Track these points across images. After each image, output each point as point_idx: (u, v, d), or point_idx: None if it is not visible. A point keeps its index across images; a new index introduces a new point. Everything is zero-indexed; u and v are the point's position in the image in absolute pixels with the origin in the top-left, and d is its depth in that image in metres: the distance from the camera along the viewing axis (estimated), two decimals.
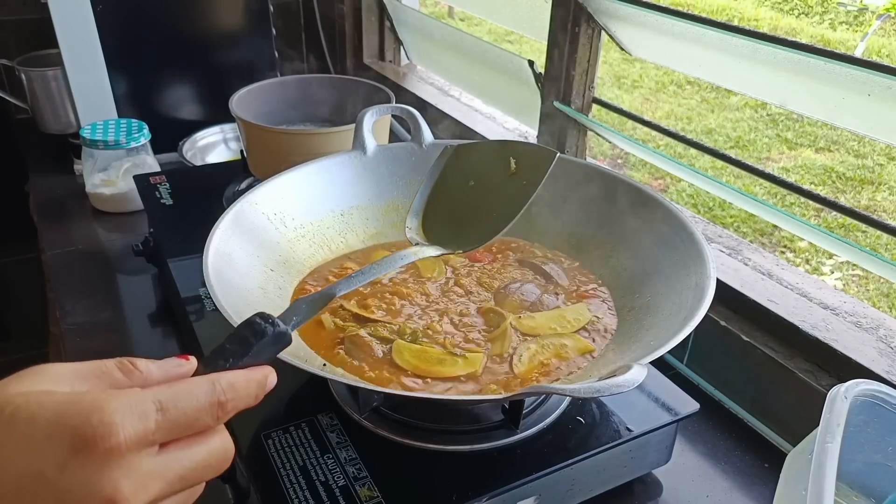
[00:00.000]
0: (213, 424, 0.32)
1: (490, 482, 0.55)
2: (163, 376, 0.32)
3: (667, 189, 3.22)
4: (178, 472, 0.29)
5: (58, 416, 0.26)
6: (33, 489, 0.25)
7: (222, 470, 0.33)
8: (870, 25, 4.69)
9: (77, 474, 0.25)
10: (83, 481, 0.25)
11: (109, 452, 0.26)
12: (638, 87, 4.28)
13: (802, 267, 2.68)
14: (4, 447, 0.25)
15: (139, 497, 0.26)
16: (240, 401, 0.33)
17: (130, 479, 0.26)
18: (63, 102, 1.34)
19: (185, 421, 0.30)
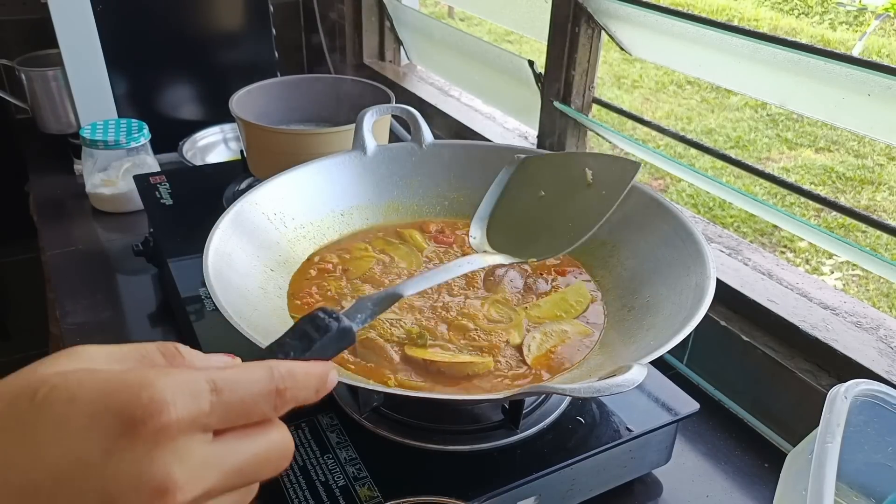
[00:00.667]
0: (270, 414, 0.28)
1: (490, 482, 0.55)
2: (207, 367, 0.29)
3: (667, 189, 3.22)
4: (235, 463, 0.26)
5: (102, 395, 0.23)
6: (74, 480, 0.22)
7: (282, 467, 0.29)
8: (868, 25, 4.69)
9: (124, 459, 0.22)
10: (131, 467, 0.22)
11: (160, 433, 0.23)
12: (638, 87, 4.28)
13: (802, 267, 2.68)
14: (40, 433, 0.22)
15: (193, 486, 0.23)
16: (299, 391, 0.30)
17: (183, 466, 0.23)
18: (63, 102, 1.34)
19: (241, 406, 0.26)
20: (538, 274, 0.74)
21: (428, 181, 0.83)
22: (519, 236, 0.69)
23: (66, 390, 0.23)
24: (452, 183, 0.83)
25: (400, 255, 0.76)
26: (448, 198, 0.84)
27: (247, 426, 0.27)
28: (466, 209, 0.84)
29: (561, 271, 0.75)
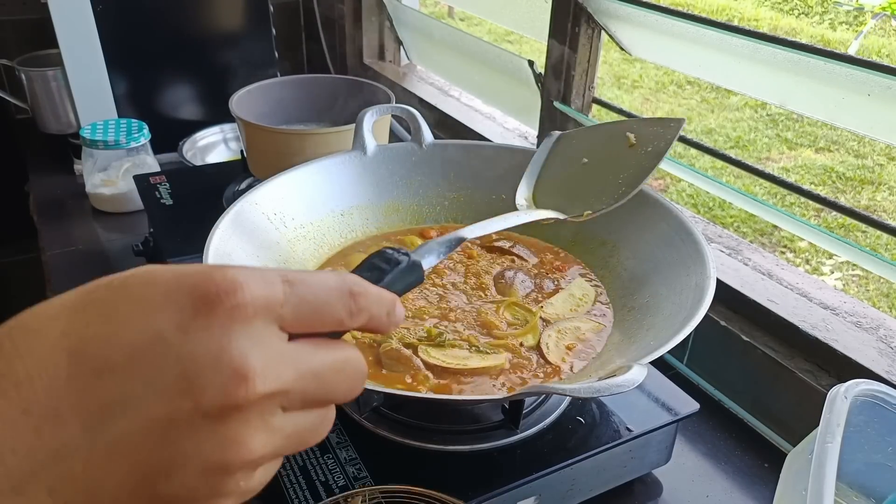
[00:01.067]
0: (345, 319, 0.26)
1: (490, 482, 0.55)
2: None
3: (667, 189, 3.22)
4: (312, 366, 0.25)
5: (177, 277, 0.22)
6: (151, 355, 0.21)
7: (357, 388, 0.27)
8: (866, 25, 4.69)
9: (200, 337, 0.21)
10: (209, 346, 0.21)
11: (235, 312, 0.22)
12: (638, 87, 4.28)
13: (802, 267, 2.68)
14: (117, 310, 0.22)
15: (270, 377, 0.22)
16: (372, 304, 0.27)
17: (260, 353, 0.22)
18: (63, 102, 1.34)
19: (315, 303, 0.25)
20: (544, 274, 0.75)
21: (428, 181, 0.83)
22: (566, 197, 0.69)
23: (144, 276, 0.23)
24: (452, 183, 0.83)
25: None
26: (448, 198, 0.84)
27: (321, 337, 0.26)
28: (466, 209, 0.84)
29: (560, 267, 0.76)
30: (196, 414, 0.21)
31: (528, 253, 0.79)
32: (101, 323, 0.22)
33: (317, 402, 0.26)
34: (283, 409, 0.24)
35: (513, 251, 0.79)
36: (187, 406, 0.21)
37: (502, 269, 0.75)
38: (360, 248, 0.79)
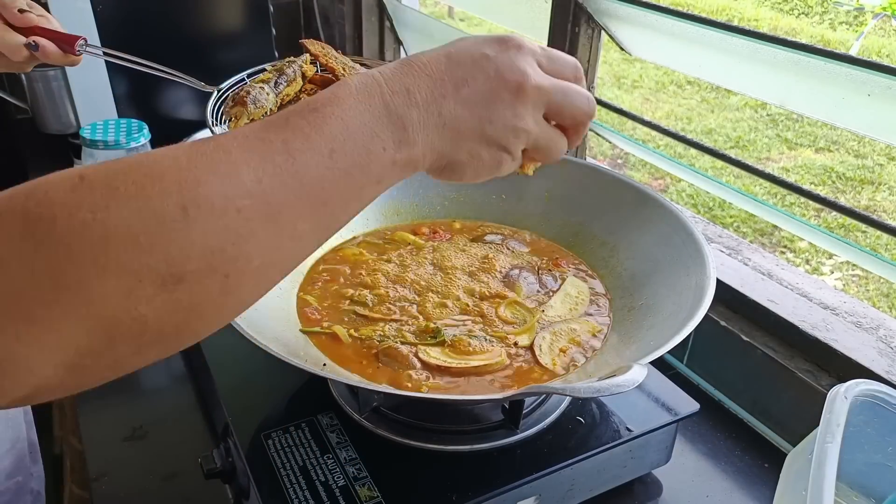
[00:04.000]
0: (577, 77, 0.44)
1: (490, 482, 0.55)
2: None
3: (667, 189, 3.22)
4: (561, 84, 0.41)
5: (489, 35, 0.41)
6: (482, 60, 0.39)
7: (591, 112, 0.43)
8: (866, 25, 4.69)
9: (504, 56, 0.39)
10: (508, 60, 0.39)
11: (520, 48, 0.40)
12: (638, 87, 4.28)
13: (802, 267, 2.68)
14: (464, 42, 0.40)
15: (538, 78, 0.40)
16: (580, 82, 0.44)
17: (531, 68, 0.40)
18: (63, 102, 1.34)
19: (558, 57, 0.42)
20: (546, 270, 0.75)
21: (428, 181, 0.83)
22: None
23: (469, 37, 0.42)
24: (452, 183, 0.83)
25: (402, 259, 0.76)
26: (448, 198, 0.84)
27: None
28: (465, 209, 0.84)
29: (556, 262, 0.77)
30: (503, 88, 0.39)
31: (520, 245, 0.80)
32: (458, 47, 0.39)
33: (564, 112, 0.42)
34: (545, 113, 0.41)
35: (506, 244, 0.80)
36: (499, 83, 0.39)
37: (510, 268, 0.75)
38: (352, 244, 0.79)
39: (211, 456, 0.62)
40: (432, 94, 0.37)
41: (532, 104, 0.40)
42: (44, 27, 0.68)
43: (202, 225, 0.30)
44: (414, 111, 0.36)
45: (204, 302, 0.31)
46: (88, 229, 0.28)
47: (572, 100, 0.42)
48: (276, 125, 0.33)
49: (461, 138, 0.38)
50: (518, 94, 0.39)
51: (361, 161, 0.34)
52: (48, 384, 0.29)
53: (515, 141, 0.40)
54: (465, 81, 0.38)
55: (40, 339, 0.27)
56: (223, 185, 0.30)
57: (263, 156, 0.32)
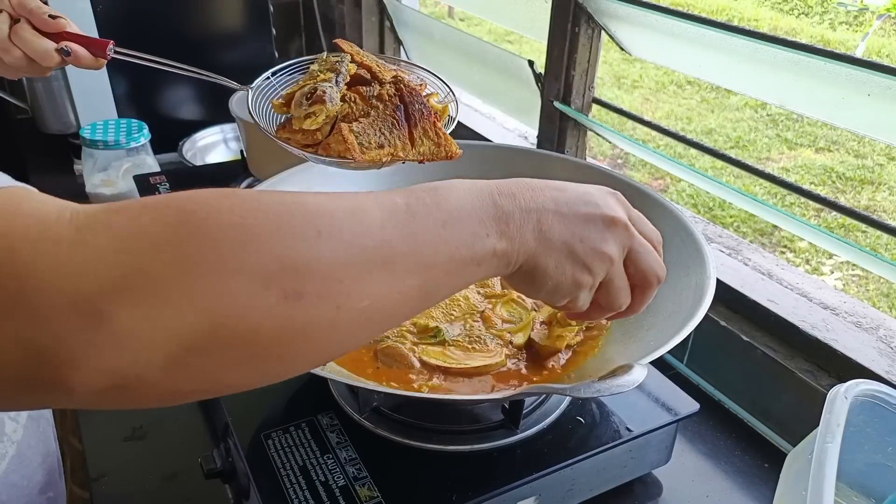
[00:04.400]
0: (658, 244, 0.48)
1: (490, 482, 0.55)
2: None
3: (667, 189, 3.22)
4: (643, 241, 0.45)
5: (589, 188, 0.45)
6: (584, 193, 0.43)
7: (662, 276, 0.47)
8: (870, 25, 4.69)
9: (603, 195, 0.45)
10: (605, 199, 0.44)
11: (617, 195, 0.46)
12: (638, 87, 4.28)
13: (802, 267, 2.68)
14: (570, 187, 0.44)
15: (627, 223, 0.44)
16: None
17: (624, 214, 0.45)
18: (63, 102, 1.34)
19: (646, 222, 0.48)
20: None
21: (427, 181, 0.83)
22: None
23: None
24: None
25: None
26: None
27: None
28: None
29: None
30: (599, 217, 0.43)
31: None
32: (563, 181, 0.45)
33: (639, 264, 0.45)
34: (624, 259, 0.45)
35: None
36: (597, 212, 0.43)
37: None
38: None
39: (211, 456, 0.62)
40: (535, 203, 0.41)
41: (619, 241, 0.44)
42: (71, 31, 0.68)
43: (331, 250, 0.33)
44: (517, 212, 0.40)
45: (314, 327, 0.33)
46: (235, 230, 0.31)
47: (649, 257, 0.46)
48: (402, 191, 0.38)
49: (552, 248, 0.41)
50: (610, 225, 0.43)
51: (468, 240, 0.38)
52: (146, 374, 0.29)
53: (599, 265, 0.43)
54: (566, 202, 0.42)
55: (163, 319, 0.29)
56: (353, 222, 0.34)
57: (390, 210, 0.36)
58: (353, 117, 0.59)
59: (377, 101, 0.59)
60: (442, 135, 0.60)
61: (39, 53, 0.66)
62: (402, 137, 0.59)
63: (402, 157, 0.59)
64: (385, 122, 0.59)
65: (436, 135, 0.60)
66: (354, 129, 0.57)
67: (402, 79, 0.61)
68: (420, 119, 0.59)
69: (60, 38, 0.66)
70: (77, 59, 0.68)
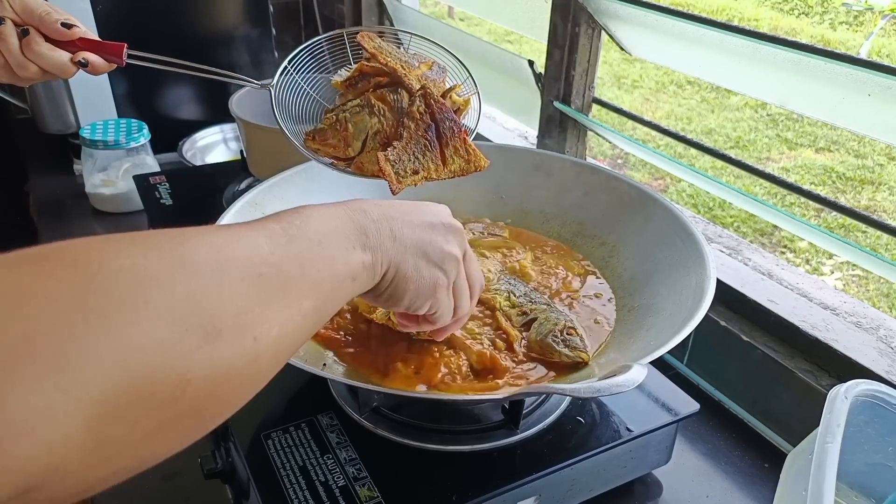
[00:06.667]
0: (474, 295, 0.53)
1: (490, 482, 0.55)
2: None
3: (667, 189, 3.22)
4: (471, 255, 0.51)
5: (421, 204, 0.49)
6: (422, 205, 0.47)
7: (482, 284, 0.54)
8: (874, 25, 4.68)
9: (437, 207, 0.49)
10: (440, 210, 0.49)
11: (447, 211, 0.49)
12: (638, 87, 4.28)
13: (802, 267, 2.68)
14: (407, 202, 0.47)
15: (461, 230, 0.49)
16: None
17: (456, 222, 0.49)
18: (63, 102, 1.34)
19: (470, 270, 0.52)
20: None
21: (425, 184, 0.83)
22: None
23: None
24: (451, 182, 0.83)
25: None
26: (447, 198, 0.84)
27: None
28: (465, 208, 0.84)
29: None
30: (441, 224, 0.47)
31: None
32: (402, 201, 0.48)
33: (472, 269, 0.51)
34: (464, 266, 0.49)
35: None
36: (437, 221, 0.47)
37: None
38: None
39: (211, 456, 0.62)
40: (384, 215, 0.43)
41: (459, 244, 0.48)
42: (83, 38, 0.63)
43: (234, 282, 0.32)
44: (371, 224, 0.42)
45: (238, 365, 0.31)
46: (135, 272, 0.28)
47: (475, 264, 0.52)
48: (271, 218, 0.38)
49: (408, 252, 0.44)
50: (450, 231, 0.48)
51: (342, 255, 0.39)
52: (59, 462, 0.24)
53: (450, 265, 0.47)
54: (409, 212, 0.46)
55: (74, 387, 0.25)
56: (246, 250, 0.34)
57: (270, 236, 0.36)
58: (385, 134, 0.60)
59: (408, 121, 0.60)
60: (472, 150, 0.61)
61: (57, 67, 0.62)
62: (434, 159, 0.60)
63: (435, 178, 0.60)
64: (418, 146, 0.60)
65: (466, 151, 0.61)
66: (391, 158, 0.58)
67: (430, 92, 0.61)
68: (451, 138, 0.60)
69: (74, 45, 0.62)
70: (94, 69, 0.63)
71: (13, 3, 0.60)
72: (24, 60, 0.61)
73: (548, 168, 0.83)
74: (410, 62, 0.65)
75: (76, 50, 0.62)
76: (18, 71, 0.62)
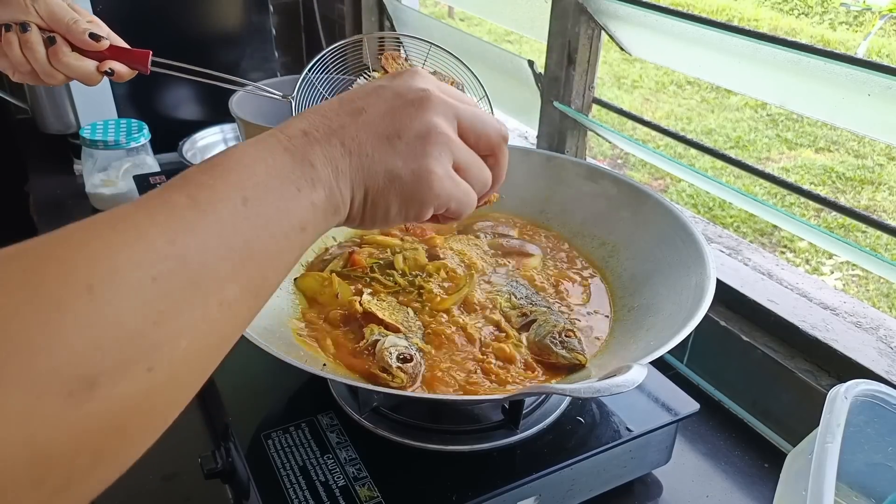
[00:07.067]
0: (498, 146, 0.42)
1: (490, 482, 0.55)
2: None
3: (667, 189, 3.21)
4: (466, 104, 0.40)
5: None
6: (377, 90, 0.38)
7: (504, 133, 0.42)
8: (872, 25, 4.68)
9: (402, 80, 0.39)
10: (404, 82, 0.39)
11: (416, 75, 0.40)
12: (638, 87, 4.28)
13: (802, 267, 2.68)
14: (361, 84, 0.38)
15: (439, 93, 0.38)
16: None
17: (432, 85, 0.39)
18: (63, 102, 1.34)
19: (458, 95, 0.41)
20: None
21: None
22: None
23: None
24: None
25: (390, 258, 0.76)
26: None
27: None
28: None
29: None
30: (406, 104, 0.37)
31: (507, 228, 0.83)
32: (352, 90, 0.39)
33: (477, 129, 0.40)
34: (457, 121, 0.39)
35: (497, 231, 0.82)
36: (400, 102, 0.38)
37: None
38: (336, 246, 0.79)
39: (211, 456, 0.62)
40: (330, 128, 0.35)
41: (441, 114, 0.38)
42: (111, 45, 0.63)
43: (114, 304, 0.24)
44: (316, 147, 0.34)
45: (126, 412, 0.25)
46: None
47: (483, 118, 0.40)
48: (175, 185, 0.30)
49: (372, 162, 0.36)
50: (422, 104, 0.37)
51: (280, 206, 0.32)
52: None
53: (434, 149, 0.37)
54: (361, 109, 0.37)
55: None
56: (132, 251, 0.26)
57: (170, 214, 0.28)
58: None
59: None
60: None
61: (83, 77, 0.61)
62: None
63: None
64: None
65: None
66: None
67: None
68: None
69: (101, 54, 0.62)
70: (120, 78, 0.63)
71: (39, 9, 0.59)
72: (51, 70, 0.61)
73: (548, 168, 0.83)
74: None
75: (102, 58, 0.62)
76: (45, 78, 0.61)
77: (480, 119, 0.40)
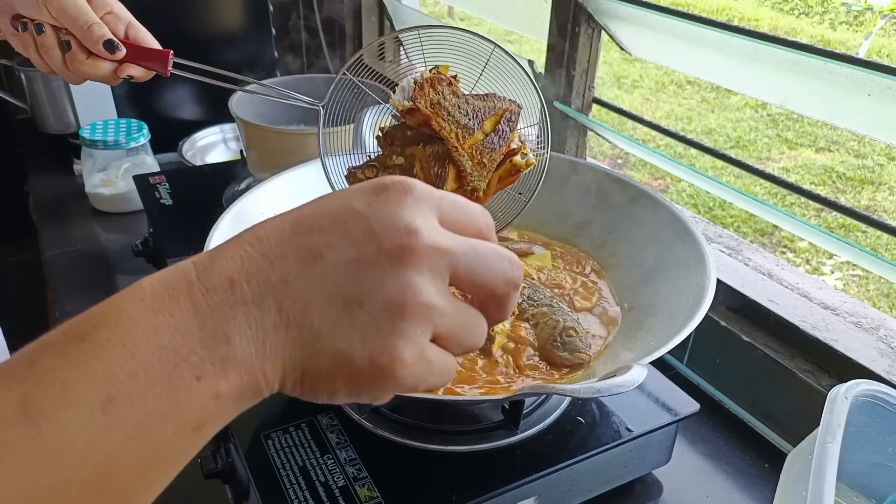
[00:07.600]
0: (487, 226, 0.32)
1: (490, 482, 0.55)
2: None
3: (667, 189, 3.21)
4: (470, 244, 0.29)
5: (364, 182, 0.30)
6: (346, 219, 0.28)
7: (513, 279, 0.30)
8: (873, 25, 4.68)
9: (380, 207, 0.28)
10: (386, 212, 0.28)
11: (405, 192, 0.28)
12: (638, 87, 4.28)
13: (802, 267, 2.68)
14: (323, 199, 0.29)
15: (434, 234, 0.28)
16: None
17: (424, 219, 0.28)
18: (63, 102, 1.34)
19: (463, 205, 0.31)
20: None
21: None
22: None
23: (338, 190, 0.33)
24: None
25: None
26: None
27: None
28: None
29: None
30: (379, 255, 0.27)
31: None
32: (313, 206, 0.29)
33: (476, 280, 0.29)
34: (452, 282, 0.29)
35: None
36: (371, 249, 0.27)
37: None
38: None
39: (211, 456, 0.62)
40: (267, 281, 0.26)
41: (429, 270, 0.27)
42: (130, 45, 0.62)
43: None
44: (240, 312, 0.25)
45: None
46: None
47: (487, 262, 0.29)
48: (14, 373, 0.22)
49: (316, 340, 0.26)
50: (402, 258, 0.27)
51: (165, 404, 0.23)
52: None
53: (407, 326, 0.27)
54: (317, 254, 0.27)
55: None
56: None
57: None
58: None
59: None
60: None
61: (102, 79, 0.61)
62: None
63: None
64: None
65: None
66: None
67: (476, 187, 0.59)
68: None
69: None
70: (139, 80, 0.63)
71: (51, 8, 0.57)
72: (69, 72, 0.60)
73: (548, 168, 0.83)
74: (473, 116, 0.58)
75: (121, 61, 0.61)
76: (65, 78, 0.61)
77: (484, 262, 0.29)
